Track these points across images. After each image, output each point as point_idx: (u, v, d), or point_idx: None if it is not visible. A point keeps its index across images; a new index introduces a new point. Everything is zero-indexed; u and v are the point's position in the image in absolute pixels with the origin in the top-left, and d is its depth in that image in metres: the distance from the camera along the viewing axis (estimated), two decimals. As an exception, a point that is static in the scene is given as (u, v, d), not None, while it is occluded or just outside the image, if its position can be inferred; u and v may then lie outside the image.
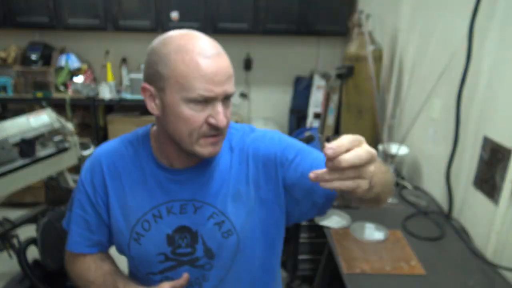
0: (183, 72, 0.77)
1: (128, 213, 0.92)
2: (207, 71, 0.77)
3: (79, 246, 0.97)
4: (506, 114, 1.56)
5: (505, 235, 1.53)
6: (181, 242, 0.91)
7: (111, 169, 0.93)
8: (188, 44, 0.79)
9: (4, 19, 3.26)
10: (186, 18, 3.37)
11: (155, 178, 0.91)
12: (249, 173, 0.91)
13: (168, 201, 0.91)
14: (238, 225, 0.91)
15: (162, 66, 0.79)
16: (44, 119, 2.31)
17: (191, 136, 0.81)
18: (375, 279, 1.44)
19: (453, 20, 1.93)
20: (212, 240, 0.91)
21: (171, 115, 0.81)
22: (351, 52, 2.63)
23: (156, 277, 0.95)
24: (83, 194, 0.95)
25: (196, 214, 0.90)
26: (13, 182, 2.08)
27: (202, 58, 0.77)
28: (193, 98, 0.78)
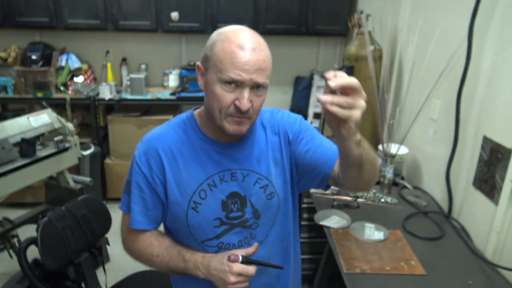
0: (220, 57, 0.92)
1: (184, 186, 1.04)
2: (238, 60, 0.90)
3: (141, 224, 1.07)
4: (505, 114, 1.56)
5: (505, 235, 1.53)
6: (233, 207, 1.06)
7: (166, 151, 1.04)
8: (232, 36, 0.93)
9: (4, 19, 3.26)
10: (186, 18, 3.37)
11: (206, 152, 1.05)
12: (281, 143, 1.08)
13: (220, 171, 1.04)
14: (278, 187, 1.08)
15: (209, 50, 0.95)
16: (44, 119, 2.31)
17: (220, 112, 0.95)
18: (375, 278, 1.44)
19: (453, 20, 1.93)
20: (258, 202, 1.07)
21: (209, 91, 0.96)
22: (351, 52, 2.63)
23: (212, 242, 1.07)
24: (140, 176, 1.05)
25: (244, 181, 1.05)
26: (13, 182, 2.09)
27: (237, 49, 0.91)
28: (224, 79, 0.91)
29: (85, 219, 1.72)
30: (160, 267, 1.09)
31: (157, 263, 1.09)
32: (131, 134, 3.41)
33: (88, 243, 1.73)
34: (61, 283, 1.76)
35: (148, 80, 3.71)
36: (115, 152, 3.45)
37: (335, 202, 1.92)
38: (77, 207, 1.73)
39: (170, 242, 1.09)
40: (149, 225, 1.08)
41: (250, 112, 0.95)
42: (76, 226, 1.68)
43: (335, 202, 1.92)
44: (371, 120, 2.62)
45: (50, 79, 3.38)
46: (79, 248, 1.69)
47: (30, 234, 1.68)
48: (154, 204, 1.06)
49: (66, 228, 1.64)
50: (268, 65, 0.94)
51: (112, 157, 3.47)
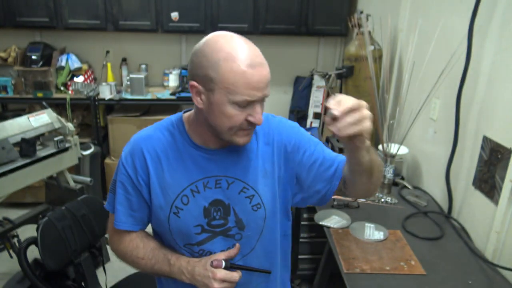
0: (231, 80, 0.88)
1: (167, 190, 1.02)
2: (252, 80, 0.89)
3: (126, 224, 1.07)
4: (505, 114, 1.56)
5: (505, 234, 1.53)
6: (216, 214, 1.03)
7: (151, 153, 1.03)
8: (235, 53, 0.89)
9: (4, 19, 3.26)
10: (186, 18, 3.37)
11: (192, 157, 1.02)
12: (273, 154, 1.05)
13: (204, 177, 1.02)
14: (266, 199, 1.04)
15: (212, 71, 0.90)
16: (44, 119, 2.31)
17: (231, 129, 0.94)
18: (375, 278, 1.44)
19: (453, 20, 1.93)
20: (242, 212, 1.04)
21: (217, 111, 0.93)
22: (351, 52, 2.63)
23: (194, 248, 1.05)
24: (125, 176, 1.04)
25: (228, 189, 1.03)
26: (13, 182, 2.09)
27: (248, 68, 0.88)
28: (238, 101, 0.90)
29: (85, 219, 1.72)
30: (145, 269, 1.08)
31: (142, 265, 1.08)
32: (131, 134, 3.34)
33: (88, 243, 1.74)
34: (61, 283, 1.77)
35: (148, 80, 3.71)
36: (115, 152, 3.45)
37: (335, 202, 1.92)
38: (77, 207, 1.73)
39: (155, 244, 1.08)
40: (135, 226, 1.08)
41: None
42: (76, 226, 1.68)
43: (335, 202, 1.92)
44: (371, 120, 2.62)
45: (50, 79, 3.38)
46: (79, 248, 1.69)
47: (30, 234, 1.68)
48: (139, 205, 1.06)
49: (66, 228, 1.64)
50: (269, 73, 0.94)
51: (112, 157, 3.47)
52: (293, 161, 1.05)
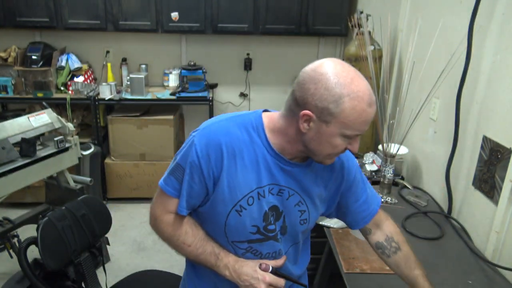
0: (351, 117, 0.93)
1: (236, 188, 1.05)
2: (368, 118, 0.95)
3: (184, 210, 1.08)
4: (505, 114, 1.56)
5: (505, 234, 1.54)
6: (272, 219, 1.09)
7: (229, 149, 1.04)
8: (360, 92, 0.93)
9: (4, 19, 3.26)
10: (186, 18, 3.37)
11: (265, 162, 1.05)
12: (330, 181, 1.14)
13: (271, 183, 1.06)
14: (312, 218, 1.14)
15: (334, 106, 0.93)
16: (44, 119, 2.31)
17: (329, 155, 1.01)
18: (375, 278, 1.44)
19: (453, 20, 1.93)
20: (290, 222, 1.11)
21: (324, 140, 0.98)
22: (351, 52, 2.63)
23: (242, 244, 1.10)
24: (196, 165, 1.04)
25: (288, 200, 1.08)
26: (13, 182, 2.09)
27: (368, 108, 0.94)
28: (350, 135, 0.96)
29: (85, 219, 1.72)
30: (189, 256, 1.12)
31: (188, 252, 1.11)
32: (131, 134, 3.41)
33: (88, 243, 1.74)
34: (61, 283, 1.76)
35: (148, 80, 3.71)
36: (115, 152, 3.45)
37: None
38: (77, 207, 1.73)
39: (203, 235, 1.11)
40: (187, 211, 1.09)
41: None
42: (76, 226, 1.68)
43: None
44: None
45: (50, 79, 3.38)
46: (79, 248, 1.69)
47: (30, 234, 1.68)
48: (198, 193, 1.07)
49: (66, 228, 1.64)
50: None
51: (112, 157, 3.47)
52: (342, 193, 1.17)
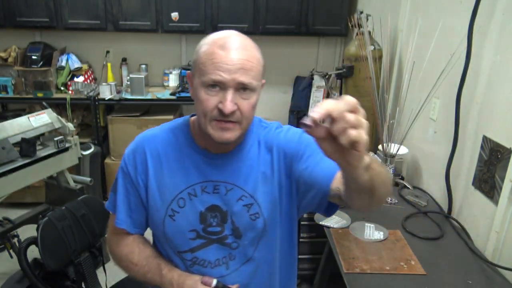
0: (202, 60, 0.90)
1: (165, 191, 1.01)
2: (218, 59, 0.87)
3: (126, 224, 1.06)
4: (505, 114, 1.56)
5: (505, 234, 1.53)
6: (212, 221, 1.01)
7: (153, 152, 1.03)
8: (216, 39, 0.91)
9: (4, 19, 3.26)
10: (186, 18, 3.37)
11: (192, 160, 1.01)
12: (273, 161, 1.01)
13: (203, 181, 1.00)
14: (265, 208, 1.01)
15: (195, 55, 0.93)
16: (44, 119, 2.31)
17: (205, 117, 0.91)
18: (375, 278, 1.44)
19: (453, 20, 1.93)
20: (240, 221, 1.01)
21: (195, 96, 0.93)
22: (351, 52, 2.63)
23: (187, 255, 1.03)
24: (126, 175, 1.04)
25: (227, 195, 1.00)
26: (13, 182, 2.09)
27: (219, 49, 0.88)
28: (206, 82, 0.88)
29: (85, 219, 1.72)
30: (138, 276, 1.07)
31: (135, 271, 1.07)
32: (131, 134, 3.38)
33: (88, 243, 1.74)
34: (61, 283, 1.76)
35: (148, 80, 3.71)
36: (115, 152, 3.45)
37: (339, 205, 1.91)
38: (77, 207, 1.73)
39: (151, 252, 1.07)
40: (133, 228, 1.07)
41: (237, 116, 0.91)
42: (76, 226, 1.68)
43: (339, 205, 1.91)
44: (371, 120, 2.62)
45: (50, 79, 3.38)
46: (79, 248, 1.69)
47: (30, 234, 1.68)
48: (137, 205, 1.05)
49: (66, 228, 1.64)
50: (254, 65, 0.90)
51: (112, 157, 3.47)
52: (294, 168, 1.00)
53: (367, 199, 0.79)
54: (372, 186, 0.73)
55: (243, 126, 0.94)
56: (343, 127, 0.57)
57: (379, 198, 0.80)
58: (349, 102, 0.57)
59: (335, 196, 0.91)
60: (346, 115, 0.56)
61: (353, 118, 0.56)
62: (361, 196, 0.78)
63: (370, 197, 0.77)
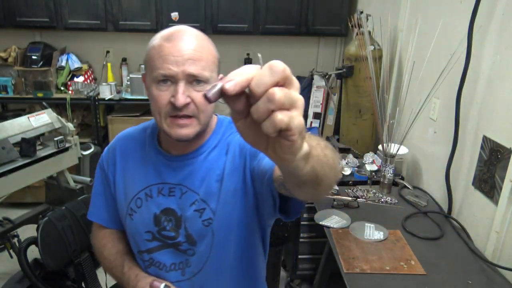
0: (150, 55, 0.87)
1: (127, 190, 1.02)
2: (165, 52, 0.84)
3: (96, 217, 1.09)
4: (505, 114, 1.56)
5: (505, 234, 1.53)
6: (166, 225, 0.98)
7: (122, 150, 1.04)
8: (163, 33, 0.88)
9: (4, 19, 3.26)
10: (186, 18, 3.37)
11: (152, 161, 0.99)
12: (228, 163, 0.95)
13: (160, 182, 0.98)
14: (219, 213, 0.95)
15: (145, 54, 0.90)
16: (44, 119, 2.31)
17: (160, 115, 0.88)
18: (375, 278, 1.44)
19: (453, 20, 1.93)
20: (193, 227, 0.96)
21: (149, 96, 0.90)
22: (351, 52, 2.63)
23: (144, 255, 1.02)
24: (101, 170, 1.07)
25: (182, 199, 0.97)
26: (13, 182, 2.09)
27: (165, 42, 0.85)
28: (157, 78, 0.85)
29: (85, 219, 1.71)
30: (107, 271, 1.09)
31: (104, 265, 1.09)
32: (131, 134, 3.41)
33: (88, 243, 1.73)
34: (61, 283, 1.76)
35: (148, 80, 3.70)
36: (115, 152, 3.45)
37: (335, 202, 1.92)
38: (77, 207, 1.73)
39: (122, 248, 1.08)
40: (109, 223, 1.09)
41: (192, 110, 0.87)
42: (76, 226, 1.68)
43: (335, 202, 1.92)
44: (371, 120, 2.62)
45: (50, 79, 3.38)
46: (79, 248, 1.69)
47: (30, 234, 1.68)
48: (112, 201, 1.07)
49: (66, 228, 1.64)
50: (204, 55, 0.87)
51: (112, 157, 3.47)
52: (245, 167, 0.94)
53: (311, 191, 0.64)
54: (315, 177, 0.57)
55: (201, 121, 0.90)
56: (266, 109, 0.41)
57: (326, 186, 0.64)
58: (276, 70, 0.42)
59: (280, 186, 0.76)
60: (271, 91, 0.41)
61: (281, 95, 0.41)
62: (304, 189, 0.63)
63: (314, 188, 0.62)
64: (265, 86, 0.41)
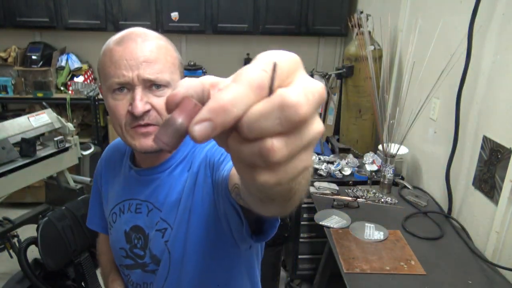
0: (102, 62, 0.79)
1: (109, 202, 0.99)
2: (116, 57, 0.76)
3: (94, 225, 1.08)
4: (505, 114, 1.56)
5: (505, 234, 1.53)
6: (136, 243, 0.92)
7: (107, 161, 1.01)
8: (114, 37, 0.80)
9: (4, 19, 3.26)
10: (186, 18, 3.37)
11: (125, 175, 0.94)
12: (188, 180, 0.85)
13: (129, 198, 0.92)
14: (180, 234, 0.85)
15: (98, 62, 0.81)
16: (44, 119, 2.31)
17: (121, 127, 0.80)
18: (375, 278, 1.44)
19: (453, 20, 1.93)
20: (156, 247, 0.88)
21: (107, 108, 0.82)
22: (351, 52, 2.63)
23: (124, 270, 0.98)
24: (96, 179, 1.05)
25: (148, 216, 0.89)
26: (13, 182, 2.09)
27: (116, 46, 0.77)
28: (110, 86, 0.77)
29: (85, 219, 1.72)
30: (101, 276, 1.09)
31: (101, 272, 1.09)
32: (131, 134, 3.41)
33: (88, 243, 1.73)
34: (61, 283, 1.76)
35: (148, 80, 3.70)
36: (115, 152, 3.45)
37: (335, 202, 1.92)
38: (77, 207, 1.73)
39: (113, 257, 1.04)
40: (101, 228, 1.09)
41: (154, 117, 0.79)
42: (76, 226, 1.68)
43: (335, 202, 1.92)
44: (371, 120, 2.62)
45: (50, 79, 3.38)
46: (79, 248, 1.68)
47: (30, 234, 1.68)
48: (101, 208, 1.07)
49: (66, 228, 1.64)
50: (161, 56, 0.78)
51: (112, 157, 3.47)
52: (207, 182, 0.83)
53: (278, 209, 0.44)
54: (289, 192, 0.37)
55: None
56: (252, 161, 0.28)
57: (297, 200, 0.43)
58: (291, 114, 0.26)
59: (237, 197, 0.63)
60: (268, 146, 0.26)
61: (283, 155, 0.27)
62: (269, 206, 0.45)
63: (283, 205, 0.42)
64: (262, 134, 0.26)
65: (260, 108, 0.26)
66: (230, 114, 0.26)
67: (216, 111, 0.26)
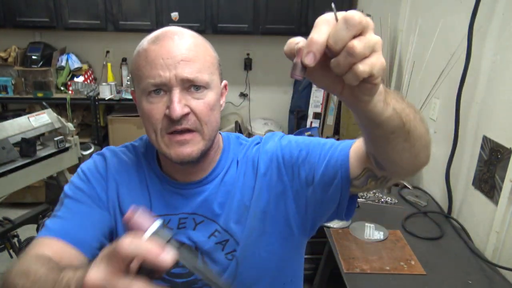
0: (137, 64, 0.74)
1: None
2: (152, 56, 0.71)
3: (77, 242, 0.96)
4: (505, 114, 1.56)
5: (505, 234, 1.53)
6: None
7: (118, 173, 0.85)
8: (148, 37, 0.75)
9: (4, 19, 3.26)
10: (186, 19, 3.37)
11: (155, 189, 0.83)
12: (255, 185, 0.81)
13: (166, 214, 0.82)
14: (244, 245, 0.80)
15: (130, 64, 0.78)
16: (44, 119, 2.31)
17: (156, 134, 0.74)
18: (375, 278, 1.44)
19: (453, 20, 1.93)
20: (214, 262, 0.81)
21: (140, 114, 0.76)
22: (351, 52, 2.63)
23: None
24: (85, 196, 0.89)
25: (195, 231, 0.81)
26: (13, 182, 2.09)
27: (152, 45, 0.72)
28: (145, 88, 0.72)
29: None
30: None
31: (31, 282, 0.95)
32: (131, 134, 3.40)
33: (88, 243, 1.73)
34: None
35: (148, 80, 3.70)
36: (115, 152, 3.45)
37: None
38: (77, 207, 1.73)
39: None
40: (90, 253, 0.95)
41: (193, 122, 0.72)
42: (76, 226, 1.68)
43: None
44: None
45: (50, 79, 3.38)
46: (79, 248, 1.68)
47: (30, 234, 1.68)
48: None
49: (66, 228, 1.64)
50: (200, 55, 0.73)
51: (112, 157, 3.47)
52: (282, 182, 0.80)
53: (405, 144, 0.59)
54: (401, 122, 0.55)
55: (205, 136, 0.74)
56: (347, 63, 0.43)
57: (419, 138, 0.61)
58: (352, 23, 0.43)
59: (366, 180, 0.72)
60: (350, 45, 0.42)
61: (361, 48, 0.42)
62: (395, 142, 0.58)
63: (406, 139, 0.58)
64: (343, 42, 0.43)
65: (334, 29, 0.43)
66: (318, 41, 0.44)
67: (310, 45, 0.45)
